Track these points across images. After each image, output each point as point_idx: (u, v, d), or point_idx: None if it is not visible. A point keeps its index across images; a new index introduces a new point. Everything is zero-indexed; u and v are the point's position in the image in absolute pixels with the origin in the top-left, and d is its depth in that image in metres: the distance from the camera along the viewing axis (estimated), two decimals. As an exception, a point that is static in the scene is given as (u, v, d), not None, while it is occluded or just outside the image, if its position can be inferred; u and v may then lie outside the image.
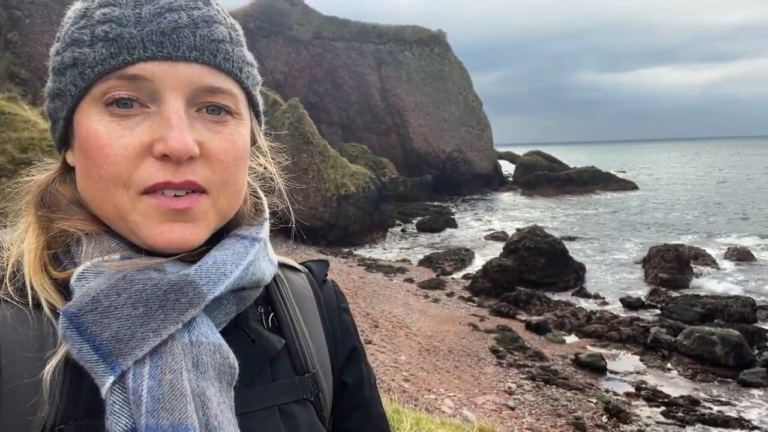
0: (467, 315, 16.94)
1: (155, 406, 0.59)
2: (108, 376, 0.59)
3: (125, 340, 0.60)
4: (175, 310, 0.62)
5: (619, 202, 43.67)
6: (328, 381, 0.83)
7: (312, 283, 0.91)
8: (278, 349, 0.76)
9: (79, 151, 0.67)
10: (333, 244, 26.40)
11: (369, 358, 4.25)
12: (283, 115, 28.12)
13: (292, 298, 0.84)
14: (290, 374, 0.77)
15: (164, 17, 0.65)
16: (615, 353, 14.07)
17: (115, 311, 0.60)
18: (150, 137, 0.64)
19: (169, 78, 0.64)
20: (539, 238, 20.78)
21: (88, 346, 0.60)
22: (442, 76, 50.91)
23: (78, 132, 0.67)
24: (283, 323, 0.80)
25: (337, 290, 0.95)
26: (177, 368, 0.61)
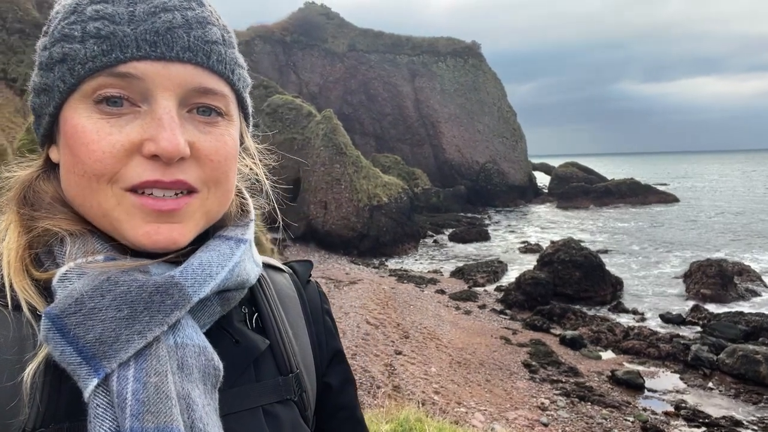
0: (499, 328, 16.69)
1: (140, 409, 0.58)
2: (91, 378, 0.58)
3: (109, 342, 0.59)
4: (161, 312, 0.62)
5: (659, 215, 42.47)
6: (311, 381, 0.83)
7: (296, 283, 0.90)
8: (262, 349, 0.75)
9: (64, 147, 0.66)
10: (364, 254, 26.46)
11: (399, 369, 4.27)
12: (317, 126, 28.48)
13: (276, 298, 0.83)
14: (274, 374, 0.76)
15: (158, 17, 0.64)
16: (653, 371, 13.62)
17: (99, 313, 0.59)
18: (140, 136, 0.63)
19: (162, 78, 0.64)
20: (575, 251, 20.36)
21: (71, 349, 0.58)
22: (476, 87, 50.74)
23: (64, 128, 0.65)
24: (267, 324, 0.79)
25: (320, 291, 0.95)
26: (162, 371, 0.60)
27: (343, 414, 0.88)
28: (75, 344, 0.58)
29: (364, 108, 50.29)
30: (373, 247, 26.80)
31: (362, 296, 18.67)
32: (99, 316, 0.59)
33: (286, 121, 29.72)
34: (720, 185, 80.00)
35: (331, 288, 19.67)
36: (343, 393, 0.89)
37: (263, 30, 47.76)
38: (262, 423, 0.71)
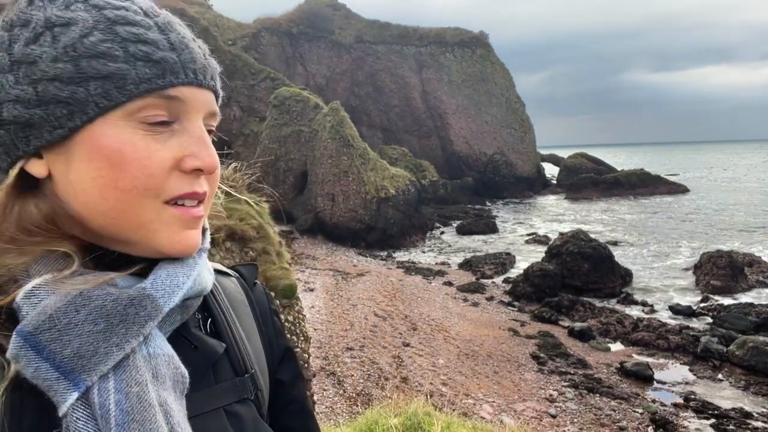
0: (507, 320, 16.69)
1: (125, 418, 0.60)
2: (71, 393, 0.59)
3: (88, 356, 0.60)
4: (136, 324, 0.64)
5: (669, 206, 42.16)
6: (265, 380, 0.86)
7: (243, 286, 0.93)
8: (220, 353, 0.78)
9: (100, 162, 0.66)
10: (372, 246, 26.49)
11: (407, 361, 4.29)
12: (324, 119, 28.44)
13: (227, 302, 0.86)
14: (231, 376, 0.79)
15: (190, 47, 0.71)
16: (663, 362, 13.58)
17: (75, 328, 0.61)
18: (181, 152, 0.68)
19: (197, 102, 0.71)
20: (583, 243, 20.27)
21: (47, 365, 0.59)
22: (484, 78, 50.41)
23: (100, 142, 0.66)
24: (221, 327, 0.82)
25: (266, 292, 0.98)
26: (142, 380, 0.63)
27: (293, 407, 0.93)
28: (51, 360, 0.59)
29: (371, 100, 50.15)
30: (380, 240, 26.81)
31: (370, 288, 18.71)
32: (75, 330, 0.60)
33: (293, 114, 29.70)
34: (731, 175, 79.20)
35: (339, 280, 19.72)
36: (294, 388, 0.94)
37: (270, 22, 47.63)
38: (225, 423, 0.74)
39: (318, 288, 18.51)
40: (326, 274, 20.53)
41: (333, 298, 17.35)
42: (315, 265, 22.16)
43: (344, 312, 16.02)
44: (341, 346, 13.51)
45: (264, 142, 30.30)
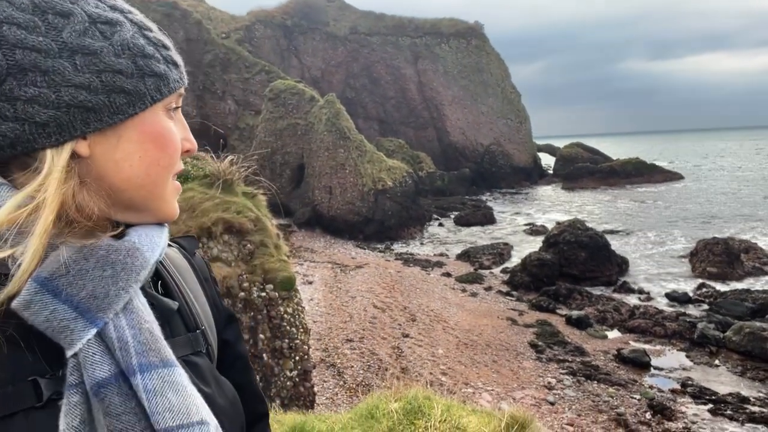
0: (506, 309, 16.77)
1: (143, 348, 0.70)
2: (88, 329, 0.67)
3: (101, 297, 0.69)
4: (133, 272, 0.73)
5: (664, 194, 42.28)
6: (214, 338, 0.96)
7: (185, 255, 1.02)
8: (174, 309, 0.86)
9: (147, 144, 0.78)
10: (370, 238, 26.52)
11: (406, 351, 4.33)
12: (320, 111, 28.37)
13: (173, 268, 0.95)
14: (184, 332, 0.88)
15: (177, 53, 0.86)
16: (659, 349, 13.69)
17: (87, 273, 0.69)
18: (180, 136, 0.84)
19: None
20: (580, 232, 20.34)
21: (65, 307, 0.67)
22: (480, 69, 50.29)
23: (151, 128, 0.79)
24: (171, 289, 0.90)
25: (206, 261, 1.08)
26: (149, 319, 0.73)
27: (240, 363, 1.02)
28: (69, 302, 0.67)
29: (367, 92, 49.99)
30: (378, 231, 26.84)
31: (369, 280, 18.76)
32: (88, 275, 0.69)
33: (289, 107, 29.61)
34: (727, 163, 79.38)
35: (338, 273, 19.76)
36: (238, 346, 1.04)
37: (263, 14, 47.34)
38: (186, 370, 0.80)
39: (317, 281, 18.54)
40: (325, 267, 20.56)
41: (332, 291, 17.39)
42: (313, 258, 22.18)
43: (343, 304, 16.06)
44: (341, 337, 13.56)
45: (260, 136, 30.22)
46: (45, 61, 0.68)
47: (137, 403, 0.68)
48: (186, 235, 1.08)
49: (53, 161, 0.70)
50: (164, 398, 0.69)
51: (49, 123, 0.69)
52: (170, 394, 0.70)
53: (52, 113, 0.69)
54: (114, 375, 0.68)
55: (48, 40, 0.69)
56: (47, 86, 0.69)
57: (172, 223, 0.94)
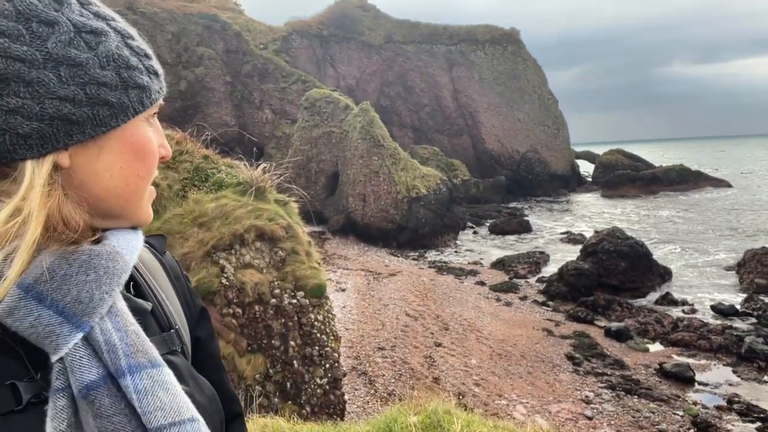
0: (541, 320, 16.41)
1: (130, 350, 0.71)
2: (74, 334, 0.68)
3: (86, 301, 0.69)
4: (115, 275, 0.74)
5: (710, 203, 40.78)
6: (187, 336, 0.96)
7: (155, 254, 1.02)
8: (148, 310, 0.86)
9: (127, 155, 0.79)
10: (404, 246, 26.44)
11: (438, 361, 4.24)
12: (354, 119, 28.54)
13: (144, 269, 0.95)
14: (158, 332, 0.88)
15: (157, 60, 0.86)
16: (704, 363, 13.12)
17: (71, 278, 0.70)
18: (157, 144, 0.84)
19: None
20: (620, 241, 19.77)
21: (50, 312, 0.67)
22: (516, 75, 49.75)
23: (131, 139, 0.79)
24: (143, 289, 0.91)
25: (176, 259, 1.08)
26: (133, 321, 0.74)
27: (212, 362, 1.02)
28: (54, 307, 0.67)
29: (401, 99, 50.09)
30: (412, 239, 26.73)
31: (401, 288, 18.68)
32: (72, 280, 0.69)
33: (324, 115, 29.91)
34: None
35: (371, 280, 19.75)
36: (211, 345, 1.04)
37: (300, 25, 48.09)
38: None
39: (350, 288, 18.57)
40: (358, 274, 20.58)
41: (364, 298, 17.38)
42: (347, 265, 22.24)
43: (375, 312, 16.02)
44: (372, 345, 13.51)
45: (295, 144, 30.60)
46: (29, 72, 0.68)
47: (127, 404, 0.69)
48: (157, 234, 1.09)
49: (34, 173, 0.70)
50: (155, 397, 0.70)
51: (32, 135, 0.69)
52: (161, 393, 0.71)
53: (36, 125, 0.69)
54: (102, 377, 0.68)
55: (32, 49, 0.68)
56: (31, 98, 0.68)
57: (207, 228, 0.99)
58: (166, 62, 36.06)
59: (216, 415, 0.88)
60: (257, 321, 7.38)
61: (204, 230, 7.30)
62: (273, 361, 7.39)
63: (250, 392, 7.09)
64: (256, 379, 7.18)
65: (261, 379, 7.25)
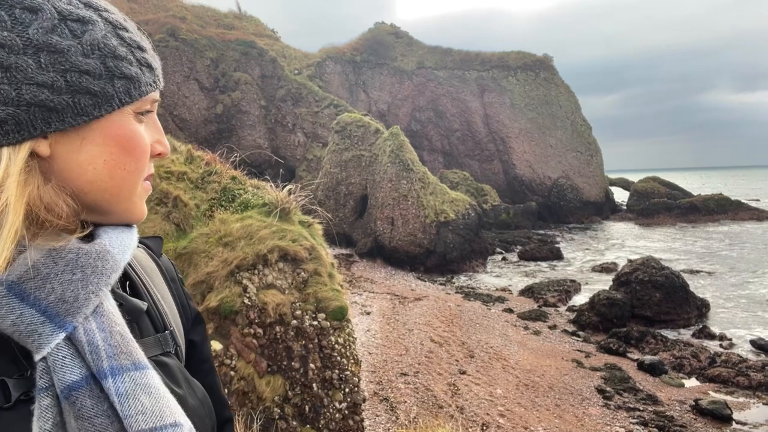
0: (571, 350, 15.94)
1: (114, 351, 0.70)
2: (57, 334, 0.67)
3: (70, 301, 0.69)
4: (104, 275, 0.73)
5: (750, 234, 39.35)
6: (181, 338, 0.96)
7: (152, 256, 1.01)
8: (143, 310, 0.86)
9: (112, 147, 0.77)
10: (431, 270, 26.23)
11: (462, 389, 4.14)
12: (384, 143, 28.76)
13: (140, 269, 0.94)
14: (152, 332, 0.87)
15: (155, 54, 0.85)
16: (743, 401, 12.49)
17: (56, 277, 0.69)
18: (152, 139, 0.83)
19: (157, 98, 0.84)
20: (654, 271, 19.18)
21: (32, 311, 0.66)
22: (548, 101, 49.49)
23: (117, 131, 0.77)
24: (139, 290, 0.90)
25: (172, 262, 1.07)
26: (120, 321, 0.73)
27: (205, 366, 1.03)
28: (37, 306, 0.67)
29: (432, 124, 50.32)
30: (439, 264, 26.52)
31: (427, 313, 18.46)
32: (57, 279, 0.69)
33: (354, 139, 30.23)
34: (824, 201, 73.07)
35: (396, 304, 19.60)
36: (205, 348, 1.04)
37: (334, 51, 49.10)
38: (157, 370, 0.80)
39: (375, 311, 18.45)
40: (384, 298, 20.47)
41: (389, 322, 17.23)
42: (373, 289, 22.15)
43: (400, 336, 15.85)
44: (395, 371, 13.33)
45: (325, 167, 30.96)
46: (8, 57, 0.67)
47: (109, 406, 0.68)
48: (153, 236, 1.09)
49: (10, 160, 0.69)
50: (136, 401, 0.68)
51: (8, 120, 0.68)
52: (142, 396, 0.69)
53: (11, 111, 0.68)
54: (85, 378, 0.67)
55: (13, 35, 0.68)
56: (8, 83, 0.67)
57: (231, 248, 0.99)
58: (204, 87, 37.21)
59: (207, 419, 0.87)
60: (278, 342, 7.38)
61: (228, 250, 7.38)
62: (292, 383, 7.35)
63: (268, 414, 7.05)
64: (275, 401, 7.14)
65: (280, 401, 7.20)
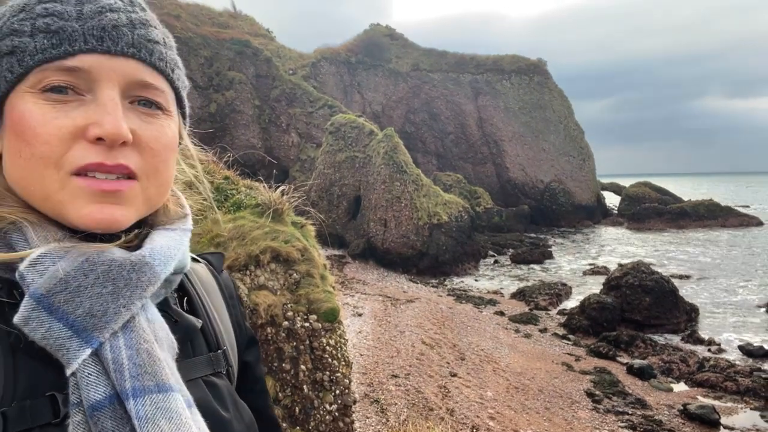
0: (561, 353, 16.02)
1: (138, 371, 0.66)
2: (83, 349, 0.64)
3: (99, 315, 0.65)
4: (138, 288, 0.69)
5: (740, 239, 39.71)
6: (234, 358, 0.92)
7: (212, 272, 0.98)
8: (197, 328, 0.83)
9: (11, 133, 0.69)
10: (423, 272, 26.27)
11: (453, 392, 4.17)
12: (378, 145, 28.77)
13: (199, 284, 0.91)
14: (205, 351, 0.84)
15: (105, 15, 0.70)
16: (731, 406, 12.60)
17: (85, 290, 0.65)
18: (85, 121, 0.68)
19: (106, 70, 0.69)
20: (645, 275, 19.31)
21: (60, 325, 0.63)
22: (542, 105, 49.73)
23: (11, 115, 0.69)
24: (196, 306, 0.87)
25: (233, 280, 1.03)
26: (149, 339, 0.69)
27: (259, 387, 1.00)
28: (65, 320, 0.64)
29: (426, 127, 50.41)
30: (432, 266, 26.56)
31: (419, 315, 18.48)
32: (86, 292, 0.65)
33: (348, 140, 30.23)
34: (812, 208, 73.81)
35: (388, 306, 19.60)
36: (258, 369, 1.01)
37: (329, 52, 49.07)
38: (205, 390, 0.78)
39: (366, 313, 18.45)
40: (375, 300, 20.47)
41: (381, 324, 17.23)
42: (365, 290, 22.15)
43: (391, 338, 15.85)
44: (386, 372, 13.34)
45: (319, 168, 30.94)
46: None
47: (131, 429, 0.64)
48: (215, 252, 1.06)
49: None
50: (155, 426, 0.64)
51: None
52: (162, 422, 0.65)
53: None
54: (108, 397, 0.64)
55: None
56: None
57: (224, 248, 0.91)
58: (198, 85, 37.08)
59: None
60: (269, 343, 7.36)
61: (220, 250, 7.37)
62: (283, 384, 7.34)
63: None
64: (265, 402, 7.13)
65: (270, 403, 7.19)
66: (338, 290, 14.77)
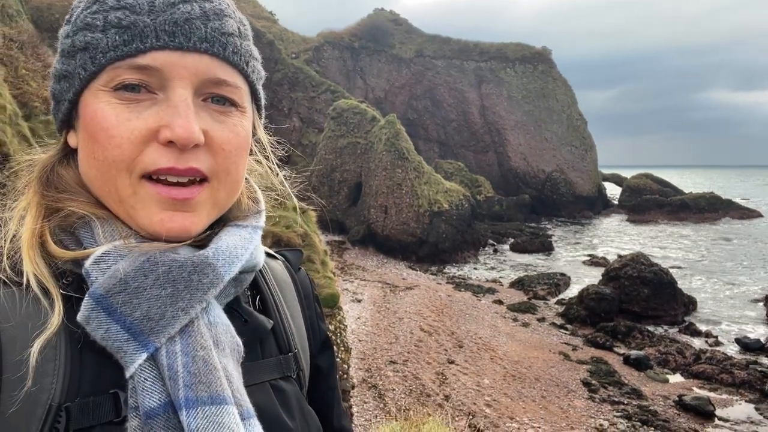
0: (558, 343, 16.12)
1: (192, 380, 0.63)
2: (140, 353, 0.62)
3: (156, 318, 0.63)
4: (199, 290, 0.66)
5: (739, 232, 39.72)
6: (306, 362, 0.88)
7: (289, 270, 0.94)
8: (268, 329, 0.80)
9: (84, 132, 0.68)
10: (423, 260, 26.32)
11: (450, 379, 4.21)
12: (380, 131, 28.67)
13: (274, 283, 0.88)
14: (276, 353, 0.81)
15: (177, 8, 0.67)
16: (726, 398, 12.70)
17: (144, 292, 0.63)
18: (157, 123, 0.65)
19: (179, 68, 0.66)
20: (643, 267, 19.35)
21: (117, 327, 0.62)
22: (545, 94, 49.43)
23: (84, 113, 0.68)
24: (269, 306, 0.84)
25: (310, 279, 0.99)
26: (207, 345, 0.65)
27: (330, 394, 0.94)
28: (122, 322, 0.62)
29: (428, 114, 50.18)
30: (431, 254, 26.61)
31: (417, 302, 18.56)
32: (145, 294, 0.63)
33: (350, 126, 30.12)
34: (813, 202, 73.77)
35: (387, 292, 19.68)
36: (331, 376, 0.95)
37: (332, 36, 48.69)
38: (272, 395, 0.76)
39: (365, 299, 18.53)
40: (375, 286, 20.54)
41: (380, 310, 17.31)
42: (364, 276, 22.22)
43: (390, 325, 15.94)
44: (385, 359, 13.43)
45: (321, 153, 30.86)
46: None
47: None
48: (294, 249, 1.02)
49: None
50: None
51: None
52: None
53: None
54: (162, 406, 0.62)
55: None
56: None
57: None
58: (200, 67, 36.86)
59: None
60: (269, 327, 7.42)
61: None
62: (282, 368, 7.41)
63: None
64: (264, 385, 7.20)
65: (269, 386, 7.26)
66: (338, 276, 14.82)
